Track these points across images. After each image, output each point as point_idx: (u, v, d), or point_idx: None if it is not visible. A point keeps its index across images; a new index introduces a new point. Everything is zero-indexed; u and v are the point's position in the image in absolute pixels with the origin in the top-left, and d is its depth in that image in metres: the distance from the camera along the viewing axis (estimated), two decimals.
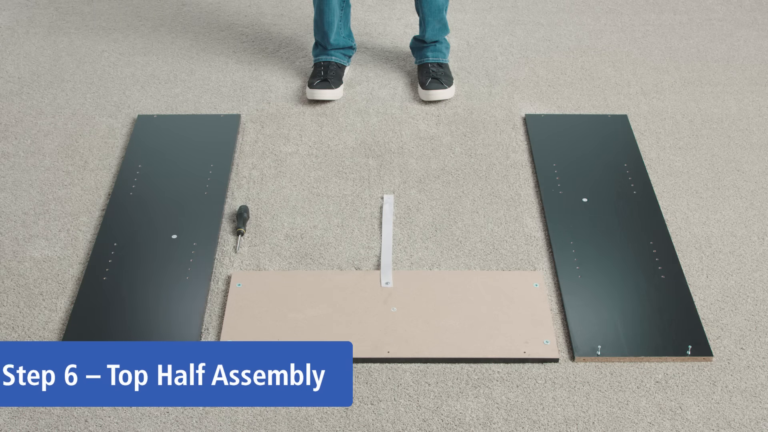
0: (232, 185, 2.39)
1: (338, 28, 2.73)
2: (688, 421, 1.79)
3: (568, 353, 1.93)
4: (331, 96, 2.68)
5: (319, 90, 2.67)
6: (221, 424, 1.77)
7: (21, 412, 1.79)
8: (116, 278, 2.08)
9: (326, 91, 2.67)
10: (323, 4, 2.67)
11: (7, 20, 3.15)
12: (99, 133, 2.59)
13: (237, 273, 2.10)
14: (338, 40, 2.75)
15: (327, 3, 2.66)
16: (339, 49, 2.77)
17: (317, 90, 2.67)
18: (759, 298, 2.07)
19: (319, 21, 2.71)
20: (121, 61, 2.93)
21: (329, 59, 2.75)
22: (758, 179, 2.43)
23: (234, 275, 2.09)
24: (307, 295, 2.03)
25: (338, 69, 2.74)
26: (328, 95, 2.67)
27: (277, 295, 2.03)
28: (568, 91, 2.78)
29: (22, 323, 1.99)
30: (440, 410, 1.81)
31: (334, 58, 2.76)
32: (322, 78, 2.69)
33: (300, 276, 2.09)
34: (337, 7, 2.68)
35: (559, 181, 2.38)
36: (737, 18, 3.20)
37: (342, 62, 2.78)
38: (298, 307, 2.00)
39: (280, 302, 2.01)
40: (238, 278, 2.08)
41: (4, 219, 2.28)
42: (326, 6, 2.66)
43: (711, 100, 2.75)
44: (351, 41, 2.81)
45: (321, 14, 2.69)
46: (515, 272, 2.11)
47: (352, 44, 2.82)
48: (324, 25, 2.70)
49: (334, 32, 2.72)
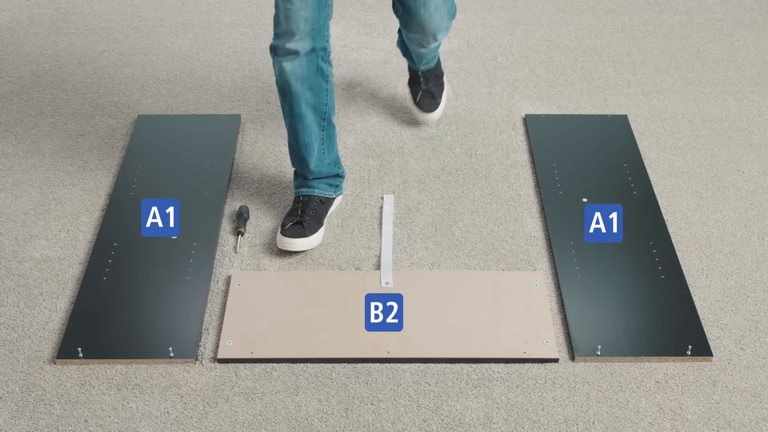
0: (232, 185, 2.39)
1: (320, 153, 2.18)
2: (688, 421, 1.79)
3: (568, 353, 1.93)
4: (303, 246, 2.14)
5: (289, 239, 2.13)
6: (221, 424, 1.77)
7: (21, 412, 1.79)
8: (116, 278, 2.08)
9: (297, 241, 2.13)
10: (296, 122, 2.12)
11: (7, 20, 3.15)
12: (99, 133, 2.59)
13: (237, 273, 2.10)
14: (320, 167, 2.20)
15: (300, 121, 2.11)
16: (323, 178, 2.23)
17: (286, 239, 2.13)
18: (759, 298, 2.07)
19: (293, 144, 2.17)
20: (121, 61, 2.93)
21: (310, 192, 2.21)
22: (758, 179, 2.43)
23: (234, 275, 2.09)
24: (307, 295, 2.03)
25: (321, 206, 2.21)
26: (299, 245, 2.13)
27: (277, 296, 2.03)
28: (568, 91, 2.78)
29: (22, 323, 1.99)
30: (440, 410, 1.81)
31: (318, 190, 2.22)
32: (297, 220, 2.16)
33: (300, 276, 2.09)
34: (315, 126, 2.14)
35: (559, 181, 2.38)
36: (737, 18, 3.20)
37: (327, 194, 2.23)
38: (297, 308, 2.00)
39: (280, 303, 2.01)
40: (239, 278, 2.08)
41: (4, 219, 2.28)
42: (300, 124, 2.12)
43: (711, 100, 2.75)
44: (338, 168, 2.26)
45: (295, 135, 2.15)
46: (515, 272, 2.11)
47: (340, 171, 2.27)
48: (300, 149, 2.16)
49: (315, 158, 2.18)
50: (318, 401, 1.82)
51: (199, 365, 1.89)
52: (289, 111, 2.11)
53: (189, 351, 1.90)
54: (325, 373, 1.87)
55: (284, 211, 2.29)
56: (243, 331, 1.94)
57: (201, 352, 1.92)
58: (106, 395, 1.82)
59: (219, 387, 1.84)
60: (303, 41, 1.99)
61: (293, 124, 2.12)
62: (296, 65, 2.02)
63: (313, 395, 1.83)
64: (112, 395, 1.82)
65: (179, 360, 1.89)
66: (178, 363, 1.89)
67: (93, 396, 1.82)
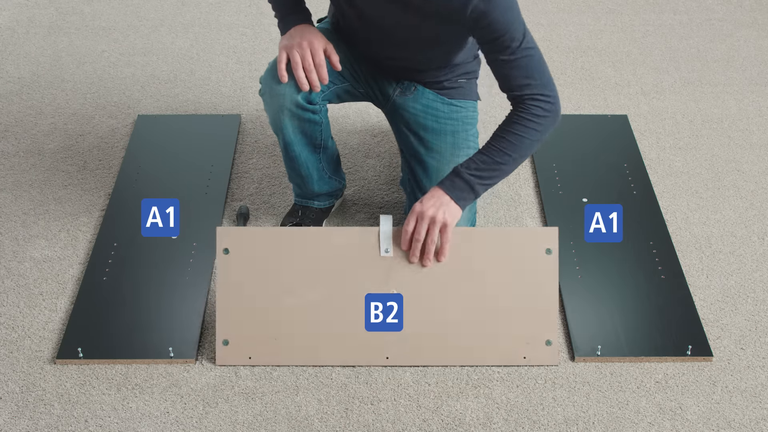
0: (232, 185, 2.39)
1: (320, 173, 2.12)
2: (688, 421, 1.79)
3: (568, 353, 1.93)
4: None
5: None
6: (221, 424, 1.77)
7: (21, 412, 1.79)
8: (116, 278, 2.08)
9: None
10: (291, 160, 2.06)
11: (7, 20, 3.15)
12: (99, 133, 2.59)
13: (223, 233, 1.85)
14: (321, 186, 2.15)
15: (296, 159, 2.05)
16: (323, 194, 2.19)
17: None
18: (759, 298, 2.07)
19: (291, 173, 2.13)
20: (121, 61, 2.93)
21: (309, 204, 2.20)
22: (758, 179, 2.43)
23: (220, 236, 1.84)
24: (303, 268, 1.86)
25: (320, 213, 2.21)
26: None
27: (271, 270, 1.85)
28: (568, 91, 2.78)
29: (22, 323, 1.99)
30: (440, 410, 1.81)
31: (317, 203, 2.20)
32: (296, 222, 2.19)
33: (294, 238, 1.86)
34: (312, 158, 2.07)
35: (559, 181, 2.38)
36: (737, 18, 3.20)
37: (327, 205, 2.22)
38: (294, 288, 1.85)
39: (275, 280, 1.85)
40: (225, 240, 1.84)
41: (4, 219, 2.28)
42: (295, 162, 2.07)
43: (711, 100, 2.75)
44: (339, 182, 2.21)
45: (291, 167, 2.10)
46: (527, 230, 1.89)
47: (341, 185, 2.23)
48: (297, 177, 2.13)
49: (315, 181, 2.13)
50: (318, 401, 1.82)
51: (199, 365, 1.89)
52: (283, 148, 2.05)
53: (189, 351, 1.90)
54: (325, 374, 1.87)
55: (284, 211, 2.29)
56: (238, 325, 1.86)
57: (201, 352, 1.92)
58: (106, 395, 1.82)
59: (219, 387, 1.84)
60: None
61: (288, 160, 2.08)
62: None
63: (313, 395, 1.83)
64: (112, 395, 1.82)
65: (179, 360, 1.89)
66: (178, 363, 1.89)
67: (93, 396, 1.82)
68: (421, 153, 2.07)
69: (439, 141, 2.06)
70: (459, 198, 1.78)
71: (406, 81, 2.08)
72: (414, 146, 2.08)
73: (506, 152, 1.80)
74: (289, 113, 1.94)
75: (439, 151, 2.06)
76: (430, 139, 2.06)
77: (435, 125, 2.07)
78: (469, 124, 2.11)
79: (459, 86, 2.10)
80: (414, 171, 2.09)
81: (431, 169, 2.06)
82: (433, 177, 2.05)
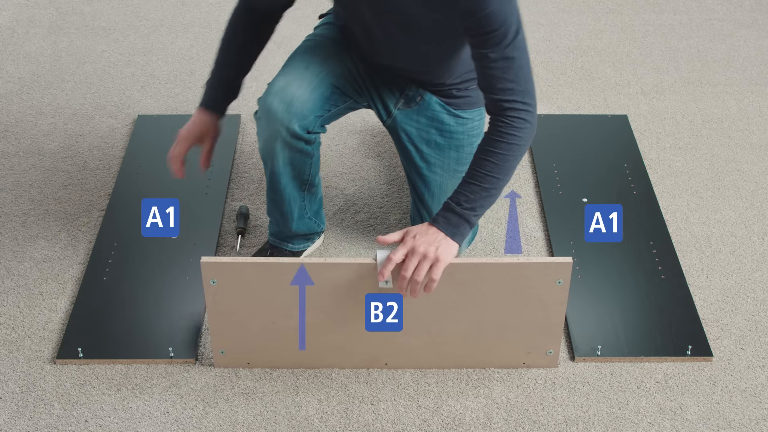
0: (232, 185, 2.39)
1: (301, 211, 2.05)
2: (688, 421, 1.79)
3: (568, 353, 1.93)
4: None
5: None
6: (221, 424, 1.77)
7: (21, 412, 1.79)
8: (116, 278, 2.08)
9: None
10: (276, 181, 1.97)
11: (7, 20, 3.15)
12: (99, 133, 2.59)
13: (207, 263, 1.70)
14: (300, 226, 2.07)
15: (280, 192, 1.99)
16: (300, 235, 2.12)
17: None
18: (759, 298, 2.07)
19: (271, 207, 2.05)
20: (121, 61, 2.93)
21: (282, 246, 2.11)
22: (758, 179, 2.43)
23: (204, 267, 1.70)
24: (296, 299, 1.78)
25: (292, 256, 2.11)
26: None
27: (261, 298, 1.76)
28: (568, 91, 2.78)
29: (22, 323, 1.99)
30: (440, 410, 1.81)
31: (290, 245, 2.11)
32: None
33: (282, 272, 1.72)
34: (293, 188, 1.99)
35: (559, 181, 2.38)
36: (737, 18, 3.20)
37: (300, 249, 2.13)
38: (290, 313, 1.79)
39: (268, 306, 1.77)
40: (211, 272, 1.72)
41: (4, 219, 2.28)
42: (278, 194, 2.00)
43: (711, 100, 2.75)
44: (317, 225, 2.12)
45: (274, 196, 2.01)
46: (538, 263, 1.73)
47: (319, 229, 2.14)
48: (277, 213, 2.05)
49: (296, 219, 2.05)
50: (318, 401, 1.82)
51: (199, 365, 1.89)
52: (269, 179, 1.98)
53: (189, 351, 1.90)
54: (325, 374, 1.87)
55: None
56: (233, 340, 1.83)
57: (201, 352, 1.92)
58: (106, 395, 1.82)
59: (219, 387, 1.84)
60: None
61: (272, 193, 2.00)
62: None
63: (312, 395, 1.83)
64: (112, 395, 1.82)
65: (179, 360, 1.89)
66: (178, 363, 1.89)
67: (93, 396, 1.82)
68: (423, 168, 2.06)
69: (442, 156, 2.05)
70: (455, 234, 1.72)
71: (412, 89, 2.01)
72: (416, 161, 2.06)
73: (493, 175, 1.72)
74: (282, 141, 1.88)
75: (442, 167, 2.05)
76: (433, 155, 2.04)
77: (439, 140, 2.04)
78: (475, 136, 2.05)
79: (467, 95, 2.01)
80: (416, 187, 2.08)
81: (433, 185, 2.06)
82: (435, 192, 2.06)
